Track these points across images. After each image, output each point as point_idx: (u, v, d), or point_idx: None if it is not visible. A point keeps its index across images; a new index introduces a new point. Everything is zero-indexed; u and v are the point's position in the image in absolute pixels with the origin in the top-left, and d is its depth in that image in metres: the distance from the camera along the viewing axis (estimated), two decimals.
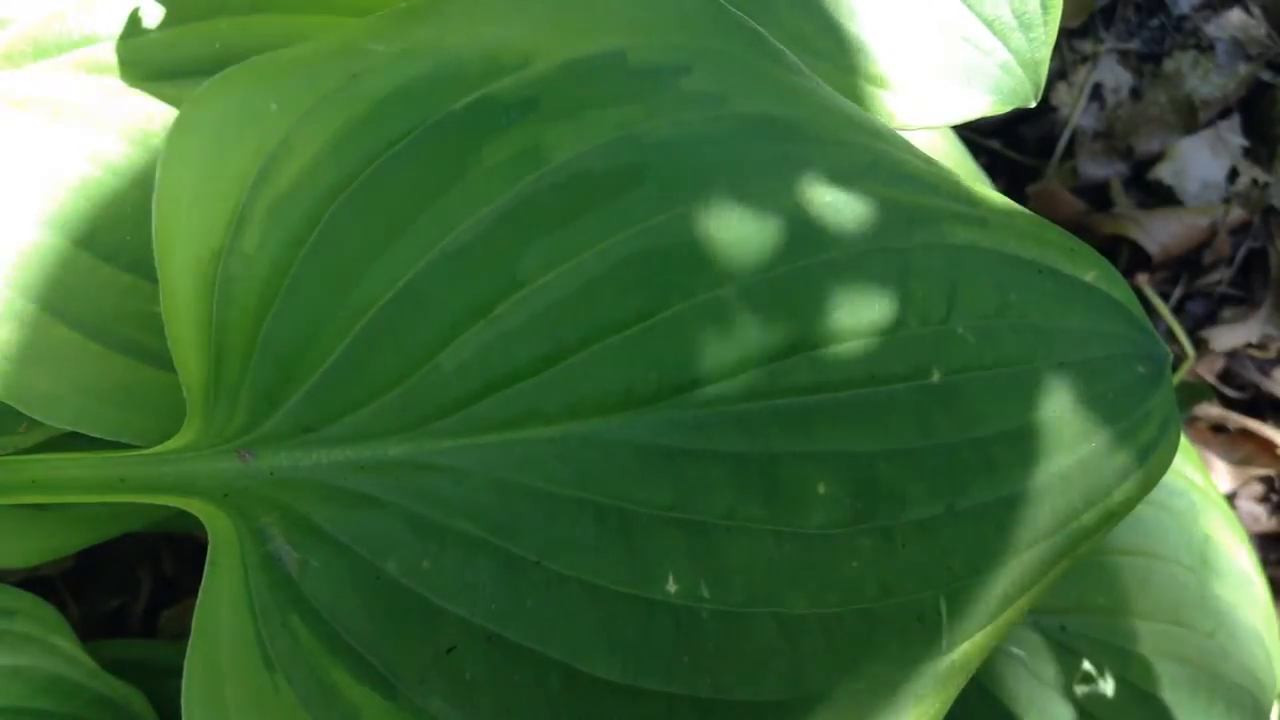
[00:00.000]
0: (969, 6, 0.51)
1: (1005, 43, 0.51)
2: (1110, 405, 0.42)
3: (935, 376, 0.41)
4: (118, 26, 0.48)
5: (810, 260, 0.40)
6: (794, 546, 0.39)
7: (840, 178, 0.41)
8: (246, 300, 0.40)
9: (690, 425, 0.39)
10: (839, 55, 0.49)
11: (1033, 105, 0.51)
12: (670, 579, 0.39)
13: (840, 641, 0.39)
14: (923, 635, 0.40)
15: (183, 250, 0.40)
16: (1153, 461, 0.43)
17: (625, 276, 0.40)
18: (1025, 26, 0.51)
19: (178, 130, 0.40)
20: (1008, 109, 0.51)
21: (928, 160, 0.43)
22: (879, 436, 0.40)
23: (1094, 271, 0.43)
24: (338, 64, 0.41)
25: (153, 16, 0.48)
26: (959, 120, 0.50)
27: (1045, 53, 0.50)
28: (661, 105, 0.41)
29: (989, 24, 0.51)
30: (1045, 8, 0.51)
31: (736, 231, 0.40)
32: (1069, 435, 0.42)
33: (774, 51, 0.42)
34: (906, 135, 0.44)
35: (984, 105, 0.51)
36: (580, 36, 0.41)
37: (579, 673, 0.38)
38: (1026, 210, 0.44)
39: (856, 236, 0.41)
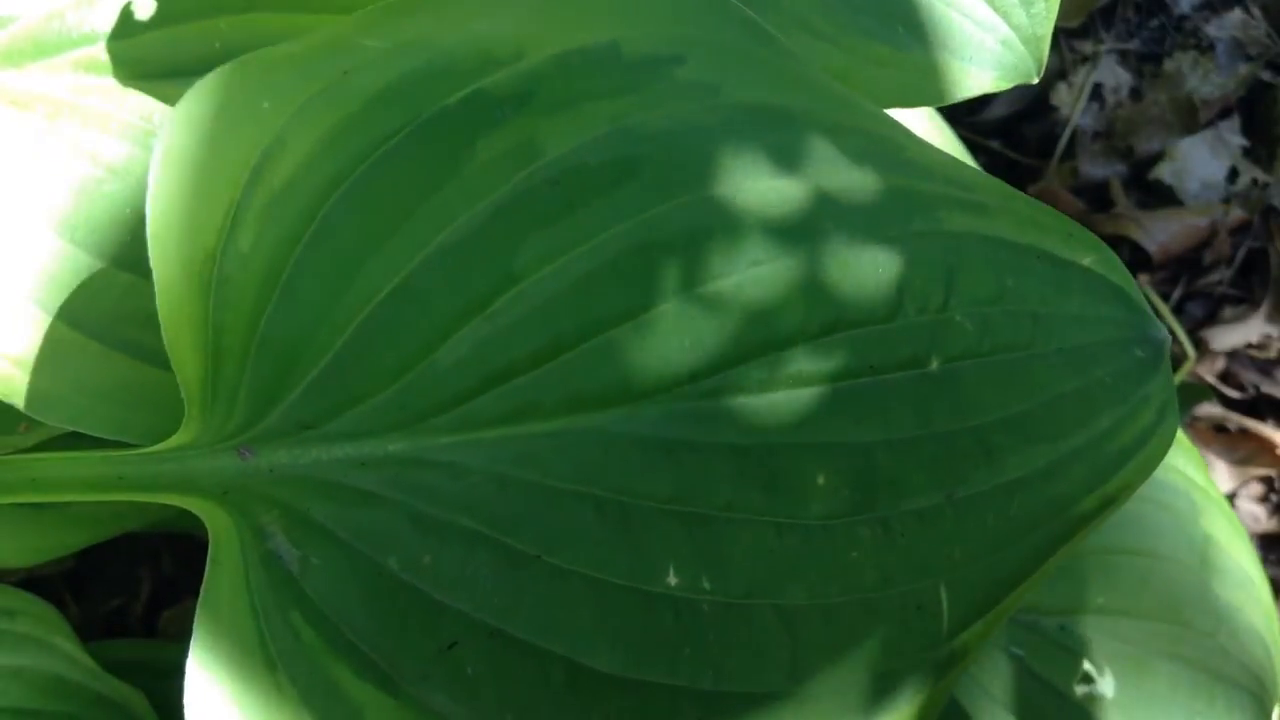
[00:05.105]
0: None
1: (1006, 18, 0.50)
2: (1108, 390, 0.42)
3: (934, 365, 0.41)
4: None
5: (807, 250, 0.40)
6: (794, 537, 0.39)
7: (836, 166, 0.41)
8: (243, 299, 0.40)
9: (689, 418, 0.39)
10: (838, 35, 0.49)
11: (1034, 82, 0.51)
12: (671, 571, 0.39)
13: (840, 631, 0.39)
14: (923, 624, 0.40)
15: (178, 250, 0.40)
16: (1151, 446, 0.43)
17: (622, 270, 0.39)
18: (1026, 2, 0.50)
19: (171, 129, 0.40)
20: (1009, 85, 0.50)
21: (923, 145, 0.43)
22: (878, 426, 0.40)
23: (1091, 256, 0.43)
24: (330, 60, 0.41)
25: (144, 11, 0.48)
26: (961, 97, 0.50)
27: (1047, 29, 0.50)
28: (656, 97, 0.41)
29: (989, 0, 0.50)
30: None
31: (733, 223, 0.40)
32: (1067, 421, 0.42)
33: (768, 38, 0.42)
34: (903, 115, 0.44)
35: (985, 82, 0.50)
36: (573, 28, 0.41)
37: (581, 666, 0.38)
38: (1023, 195, 0.44)
39: (853, 225, 0.41)
